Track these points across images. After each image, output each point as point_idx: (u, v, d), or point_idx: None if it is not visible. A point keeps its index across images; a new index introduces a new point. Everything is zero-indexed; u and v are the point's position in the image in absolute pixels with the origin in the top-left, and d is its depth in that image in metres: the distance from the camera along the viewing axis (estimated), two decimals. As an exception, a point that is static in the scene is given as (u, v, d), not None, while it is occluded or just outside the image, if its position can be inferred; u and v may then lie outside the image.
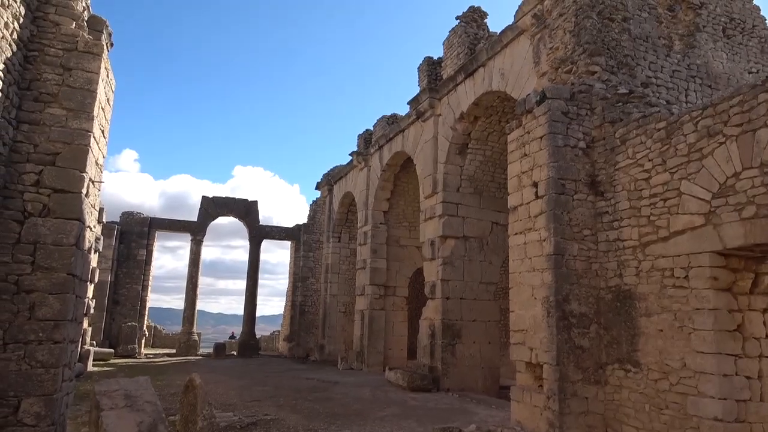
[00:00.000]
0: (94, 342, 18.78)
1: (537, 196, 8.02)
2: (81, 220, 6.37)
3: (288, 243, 25.46)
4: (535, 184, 8.09)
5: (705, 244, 6.04)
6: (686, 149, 6.41)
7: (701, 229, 6.10)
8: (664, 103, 8.81)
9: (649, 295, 6.77)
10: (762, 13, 10.92)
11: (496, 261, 13.28)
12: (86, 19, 6.98)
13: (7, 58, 5.92)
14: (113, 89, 7.64)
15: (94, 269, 14.37)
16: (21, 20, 6.21)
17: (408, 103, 14.99)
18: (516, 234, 8.47)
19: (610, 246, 7.52)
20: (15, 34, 6.08)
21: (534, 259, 7.94)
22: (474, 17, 13.37)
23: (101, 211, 16.35)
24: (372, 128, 18.98)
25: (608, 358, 7.29)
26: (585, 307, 7.50)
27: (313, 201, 24.79)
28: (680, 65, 9.56)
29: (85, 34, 6.75)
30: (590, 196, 7.86)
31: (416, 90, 14.79)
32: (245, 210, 23.97)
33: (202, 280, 28.12)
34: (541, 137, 8.06)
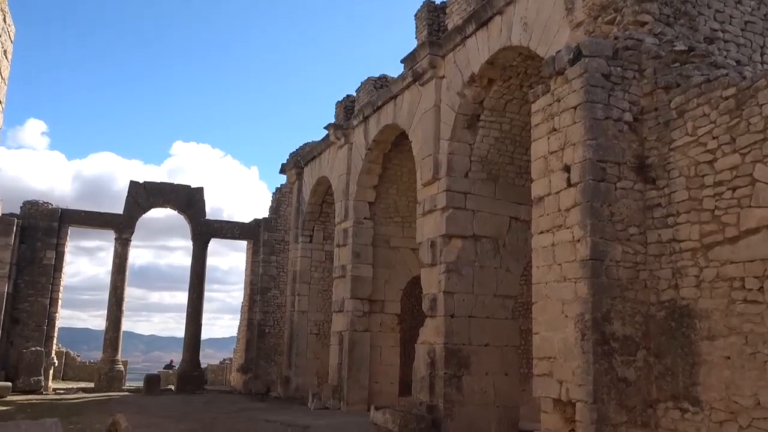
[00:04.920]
0: (-14, 373, 18.58)
1: (569, 184, 8.03)
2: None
3: (243, 243, 25.29)
4: (567, 168, 8.10)
5: (785, 246, 6.10)
6: (762, 124, 6.46)
7: (780, 227, 6.16)
8: (734, 63, 8.85)
9: (712, 312, 6.82)
10: None
11: (515, 268, 13.33)
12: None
13: None
14: (12, 38, 7.53)
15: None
16: None
17: (402, 62, 14.94)
18: (542, 233, 8.48)
19: (663, 248, 7.56)
20: None
21: (565, 265, 7.96)
22: (489, -51, 13.36)
23: (-5, 200, 16.14)
24: (355, 94, 18.92)
25: (660, 394, 7.35)
26: (630, 328, 7.54)
27: (277, 188, 24.69)
28: (755, 15, 9.62)
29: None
30: (638, 184, 7.89)
31: (412, 44, 14.76)
32: (187, 199, 23.80)
33: (130, 292, 27.91)
34: (575, 107, 8.06)
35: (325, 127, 19.69)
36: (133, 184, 23.49)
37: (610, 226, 7.71)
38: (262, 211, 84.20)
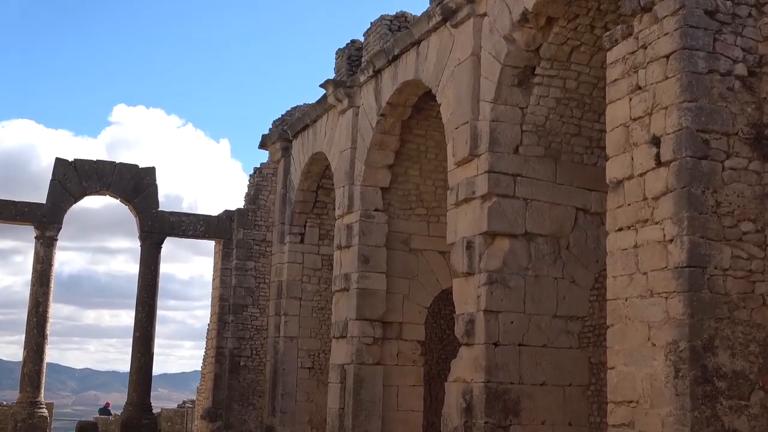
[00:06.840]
0: None
1: (659, 163, 8.01)
2: None
3: (210, 244, 25.39)
4: (656, 141, 8.07)
5: None
6: None
7: None
8: None
9: None
10: None
11: (583, 278, 13.30)
12: None
13: None
14: None
15: None
16: None
17: (427, -6, 14.96)
18: (620, 230, 8.46)
19: (788, 252, 7.53)
20: None
21: (652, 274, 7.94)
22: None
23: None
24: (362, 39, 18.91)
25: (783, 451, 7.33)
26: (742, 362, 7.51)
27: (256, 169, 24.72)
28: None
29: None
30: (754, 163, 7.86)
31: (442, -30, 14.73)
32: (133, 184, 23.87)
33: (57, 310, 28.04)
34: (667, 56, 8.02)
35: (321, 85, 19.66)
36: (60, 163, 23.52)
37: (716, 220, 7.68)
38: (236, 200, 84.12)
